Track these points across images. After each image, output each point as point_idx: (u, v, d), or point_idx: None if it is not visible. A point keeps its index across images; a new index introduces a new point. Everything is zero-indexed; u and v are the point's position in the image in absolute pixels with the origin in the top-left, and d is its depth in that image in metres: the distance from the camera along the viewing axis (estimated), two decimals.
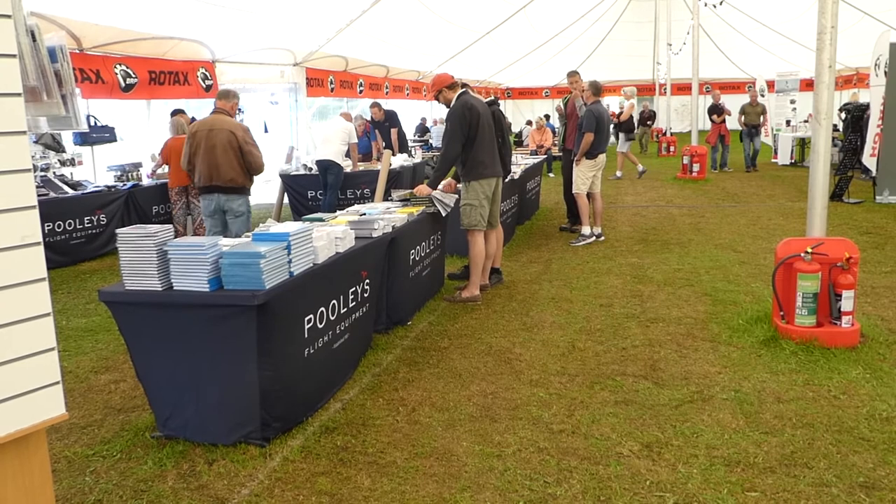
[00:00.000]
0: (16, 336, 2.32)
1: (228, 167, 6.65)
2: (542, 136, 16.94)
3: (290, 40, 13.05)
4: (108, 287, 3.71)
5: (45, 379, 2.41)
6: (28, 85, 2.41)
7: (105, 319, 6.07)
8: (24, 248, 2.33)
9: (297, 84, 14.17)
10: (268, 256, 3.54)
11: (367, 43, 15.15)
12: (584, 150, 8.64)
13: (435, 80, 6.45)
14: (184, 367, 3.64)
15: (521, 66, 27.67)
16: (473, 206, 6.26)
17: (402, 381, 4.57)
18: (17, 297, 2.31)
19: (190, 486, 3.34)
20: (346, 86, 16.35)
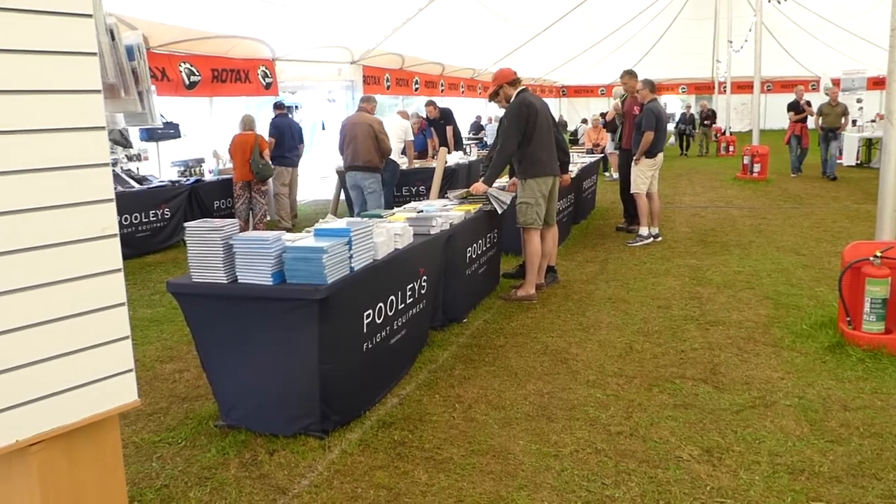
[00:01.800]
0: (93, 324, 2.40)
1: (366, 152, 8.65)
2: (598, 134, 16.76)
3: (348, 38, 13.19)
4: (175, 279, 3.82)
5: (119, 366, 2.50)
6: (107, 82, 2.50)
7: (169, 311, 6.24)
8: (102, 239, 2.41)
9: (354, 82, 14.31)
10: (329, 252, 3.59)
11: (424, 41, 15.22)
12: (643, 149, 8.52)
13: (497, 74, 6.42)
14: (246, 358, 3.72)
15: (577, 64, 27.44)
16: (530, 205, 6.24)
17: (459, 379, 4.58)
18: (95, 287, 2.40)
19: (252, 475, 3.41)
20: (401, 83, 16.45)
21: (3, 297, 2.17)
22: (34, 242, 2.23)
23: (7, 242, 2.17)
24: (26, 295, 2.22)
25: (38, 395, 2.28)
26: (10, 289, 2.18)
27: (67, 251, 2.31)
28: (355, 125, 8.75)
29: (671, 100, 33.05)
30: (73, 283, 2.33)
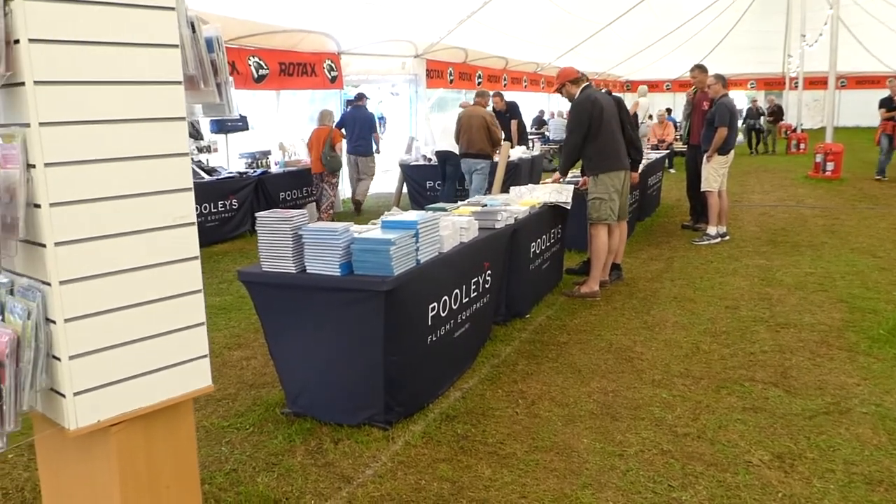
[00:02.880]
0: (172, 310, 2.46)
1: (479, 140, 9.66)
2: (664, 130, 16.45)
3: (412, 32, 13.23)
4: (246, 268, 3.89)
5: (195, 352, 2.55)
6: (187, 73, 2.54)
7: (236, 299, 6.37)
8: (181, 227, 2.47)
9: (418, 76, 14.35)
10: (397, 244, 3.60)
11: (487, 35, 15.15)
12: (716, 146, 8.30)
13: (560, 73, 6.40)
14: (314, 347, 3.77)
15: (642, 59, 26.95)
16: (603, 200, 6.16)
17: (521, 374, 4.56)
18: (173, 274, 2.46)
19: (317, 463, 3.46)
20: (464, 77, 16.42)
21: (90, 280, 2.24)
22: (120, 229, 2.30)
23: (95, 228, 2.24)
24: (111, 280, 2.29)
25: (120, 378, 2.34)
26: (95, 273, 2.25)
27: (149, 238, 2.37)
28: (470, 117, 9.70)
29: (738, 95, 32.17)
30: (153, 269, 2.39)
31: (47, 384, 2.26)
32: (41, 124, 2.12)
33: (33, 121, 2.11)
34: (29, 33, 2.07)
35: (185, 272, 2.50)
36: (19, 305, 2.21)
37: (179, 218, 2.47)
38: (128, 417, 2.39)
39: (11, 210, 2.15)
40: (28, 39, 2.07)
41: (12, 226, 2.16)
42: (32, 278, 2.26)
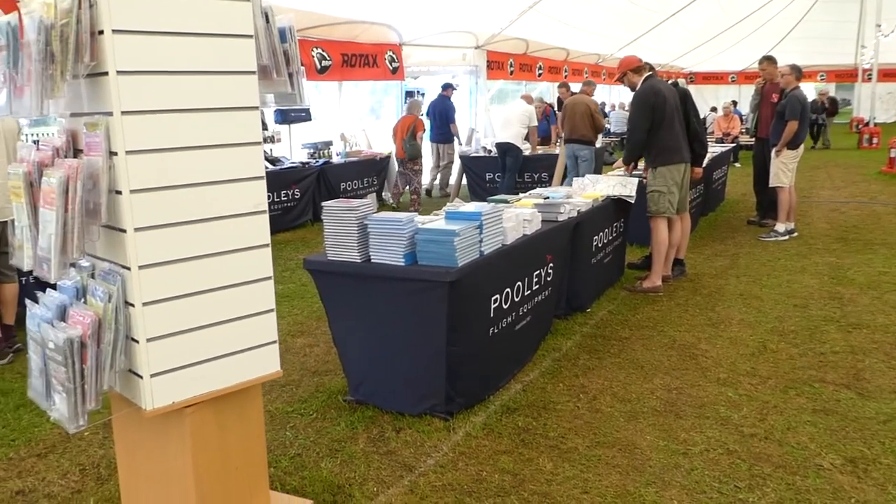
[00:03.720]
0: (243, 296, 2.51)
1: (583, 127, 9.81)
2: (729, 123, 16.05)
3: (473, 23, 13.18)
4: (311, 256, 3.94)
5: (265, 337, 2.60)
6: (260, 63, 2.58)
7: (299, 287, 6.47)
8: (254, 215, 2.51)
9: (478, 67, 14.30)
10: (461, 235, 3.60)
11: (548, 25, 15.00)
12: (786, 140, 8.05)
13: (622, 62, 6.29)
14: (377, 336, 3.81)
15: (707, 50, 26.29)
16: (662, 193, 6.05)
17: (583, 368, 4.51)
18: (246, 261, 2.50)
19: (379, 451, 3.49)
20: (525, 69, 16.30)
21: (167, 266, 2.30)
22: (196, 215, 2.35)
23: (172, 214, 2.30)
24: (187, 265, 2.35)
25: (194, 361, 2.40)
26: (172, 259, 2.31)
27: (224, 225, 2.42)
28: (575, 104, 9.97)
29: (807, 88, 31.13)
30: (227, 255, 2.44)
31: (126, 365, 2.33)
32: (123, 113, 2.18)
33: (116, 110, 2.17)
34: (113, 24, 2.13)
35: (257, 259, 2.54)
36: (100, 289, 2.29)
37: (252, 206, 2.51)
38: (201, 400, 2.45)
39: (94, 196, 2.22)
40: (112, 30, 2.13)
41: (95, 211, 2.23)
42: (113, 262, 2.33)
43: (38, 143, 2.41)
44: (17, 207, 2.37)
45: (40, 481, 3.30)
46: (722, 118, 16.50)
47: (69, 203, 2.19)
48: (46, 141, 2.39)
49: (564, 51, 18.18)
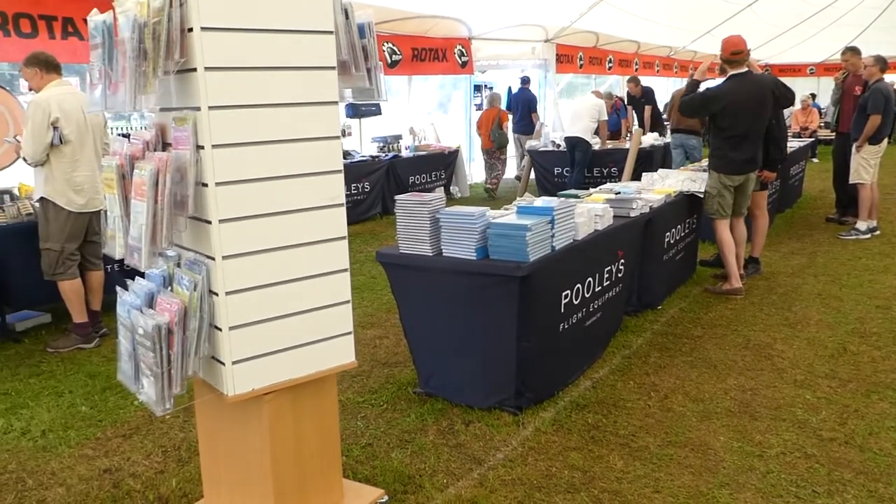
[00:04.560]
0: (321, 287, 2.57)
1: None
2: (808, 117, 15.52)
3: (543, 16, 13.06)
4: (384, 249, 3.99)
5: (341, 328, 2.65)
6: (340, 59, 2.62)
7: (368, 279, 6.56)
8: (332, 208, 2.56)
9: (547, 60, 14.18)
10: (533, 230, 3.59)
11: (619, 18, 14.73)
12: (868, 134, 7.72)
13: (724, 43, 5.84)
14: (447, 329, 3.83)
15: (784, 41, 25.38)
16: (711, 195, 5.89)
17: (654, 366, 4.45)
18: (324, 253, 2.56)
19: (449, 444, 3.52)
20: (595, 62, 16.09)
21: (250, 256, 2.37)
22: (278, 208, 2.42)
23: (255, 207, 2.36)
24: (268, 256, 2.42)
25: (274, 349, 2.47)
26: (255, 249, 2.38)
27: (304, 217, 2.48)
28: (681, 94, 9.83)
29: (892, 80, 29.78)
30: (307, 247, 2.50)
31: (209, 352, 2.42)
32: (210, 108, 2.25)
33: (203, 104, 2.24)
34: (201, 22, 2.20)
35: (335, 251, 2.59)
36: (186, 277, 2.37)
37: (330, 199, 2.56)
38: (279, 388, 2.52)
39: (182, 188, 2.30)
40: (200, 28, 2.20)
41: (182, 203, 2.31)
42: (198, 253, 2.42)
43: (130, 136, 2.51)
44: (110, 198, 2.48)
45: (125, 461, 3.45)
46: (800, 112, 15.97)
47: (159, 195, 2.27)
48: (137, 135, 2.49)
49: (635, 43, 17.86)
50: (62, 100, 4.74)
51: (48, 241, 4.86)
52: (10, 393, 4.29)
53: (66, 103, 4.75)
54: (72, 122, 4.75)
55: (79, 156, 4.83)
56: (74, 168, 4.81)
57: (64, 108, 4.71)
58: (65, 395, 4.23)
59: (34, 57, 4.86)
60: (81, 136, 4.83)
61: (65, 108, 4.72)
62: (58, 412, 4.00)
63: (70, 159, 4.79)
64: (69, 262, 4.92)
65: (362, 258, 7.45)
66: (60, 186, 4.81)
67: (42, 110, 4.65)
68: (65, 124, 4.71)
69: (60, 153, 4.75)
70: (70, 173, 4.81)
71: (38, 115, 4.64)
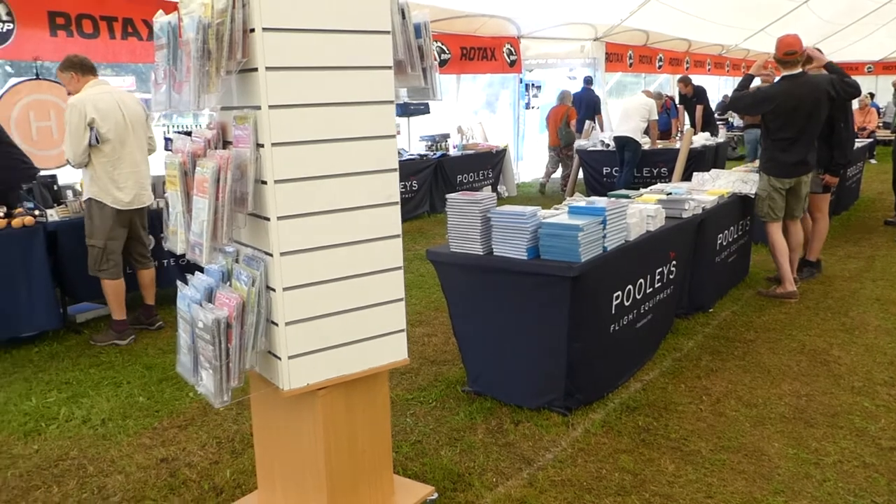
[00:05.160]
0: (375, 285, 2.59)
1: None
2: (866, 117, 15.09)
3: (592, 15, 12.96)
4: (434, 248, 4.00)
5: (394, 325, 2.68)
6: (396, 58, 2.65)
7: (416, 277, 6.59)
8: (387, 206, 2.59)
9: (596, 59, 14.07)
10: (585, 230, 3.57)
11: (670, 16, 14.52)
12: None
13: (778, 42, 5.72)
14: (497, 329, 3.83)
15: (841, 39, 24.72)
16: (761, 197, 5.77)
17: (705, 370, 4.38)
18: (379, 250, 2.58)
19: (498, 443, 3.52)
20: (644, 61, 15.91)
21: (307, 253, 2.41)
22: (334, 205, 2.45)
23: (313, 204, 2.40)
24: (324, 253, 2.45)
25: (328, 345, 2.51)
26: (311, 246, 2.42)
27: (360, 215, 2.51)
28: None
29: None
30: (362, 244, 2.53)
31: (266, 346, 2.46)
32: (270, 107, 2.29)
33: (263, 104, 2.28)
34: (263, 23, 2.24)
35: (389, 249, 2.62)
36: (244, 273, 2.42)
37: (385, 197, 2.59)
38: (332, 383, 2.55)
39: (242, 186, 2.35)
40: (262, 28, 2.25)
41: (242, 200, 2.36)
42: (256, 249, 2.46)
43: (192, 134, 2.57)
44: (172, 195, 2.54)
45: (181, 451, 3.53)
46: (858, 111, 15.52)
47: (220, 192, 2.32)
48: (199, 133, 2.54)
49: (686, 42, 17.59)
50: (98, 100, 4.79)
51: (92, 237, 4.96)
52: (71, 382, 4.43)
53: (102, 103, 4.80)
54: (109, 120, 4.80)
55: (120, 153, 4.88)
56: (116, 166, 4.88)
57: (100, 108, 4.77)
58: (123, 385, 4.35)
59: (68, 61, 4.93)
60: (121, 134, 4.87)
61: (101, 107, 4.78)
62: (116, 402, 4.11)
63: (111, 158, 4.86)
64: (112, 261, 5.00)
65: (410, 256, 7.49)
66: (104, 185, 4.88)
67: (78, 112, 4.71)
68: (101, 124, 4.76)
69: (101, 153, 4.82)
70: (112, 171, 4.87)
71: (75, 118, 4.72)
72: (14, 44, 6.16)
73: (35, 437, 3.74)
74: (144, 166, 5.11)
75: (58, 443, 3.66)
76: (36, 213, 5.20)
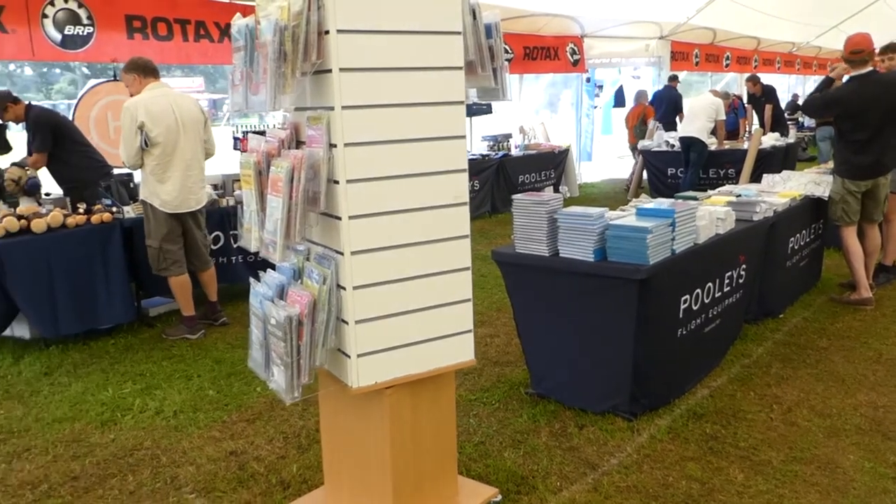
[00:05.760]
0: (444, 285, 2.60)
1: None
2: None
3: (658, 13, 12.74)
4: (499, 248, 3.99)
5: (461, 326, 2.68)
6: (467, 59, 2.65)
7: (478, 277, 6.57)
8: (456, 206, 2.59)
9: (661, 58, 13.83)
10: (654, 232, 3.51)
11: (738, 13, 14.15)
12: None
13: (845, 41, 5.55)
14: (562, 331, 3.80)
15: None
16: (835, 200, 5.56)
17: (776, 378, 4.26)
18: (447, 251, 2.59)
19: (562, 446, 3.49)
20: (711, 59, 15.55)
21: (377, 252, 2.43)
22: (405, 205, 2.47)
23: (384, 204, 2.42)
24: (394, 253, 2.47)
25: (397, 344, 2.52)
26: (382, 246, 2.44)
27: (430, 215, 2.52)
28: None
29: None
30: (432, 245, 2.54)
31: (335, 344, 2.49)
32: (343, 108, 2.32)
33: (337, 104, 2.31)
34: (337, 25, 2.27)
35: (458, 249, 2.62)
36: (316, 271, 2.45)
37: (455, 197, 2.59)
38: (399, 382, 2.57)
39: (314, 185, 2.38)
40: (336, 30, 2.27)
41: (314, 199, 2.40)
42: (327, 247, 2.50)
43: (266, 133, 2.62)
44: (247, 193, 2.60)
45: (249, 444, 3.61)
46: None
47: (294, 191, 2.36)
48: (273, 133, 2.59)
49: (755, 39, 17.12)
50: (151, 103, 4.80)
51: (149, 237, 5.03)
52: (145, 374, 4.57)
53: (155, 106, 4.80)
54: (160, 125, 4.79)
55: (170, 157, 4.88)
56: (165, 170, 4.88)
57: (151, 112, 4.77)
58: (193, 378, 4.47)
59: (132, 63, 4.98)
60: (171, 139, 4.86)
61: (153, 111, 4.77)
62: (187, 394, 4.23)
63: (160, 161, 4.86)
64: (170, 259, 5.04)
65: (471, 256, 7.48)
66: (153, 187, 4.92)
67: (130, 115, 4.75)
68: (151, 127, 4.76)
69: (150, 156, 4.84)
70: (161, 175, 4.89)
71: (127, 121, 4.76)
72: (94, 46, 6.39)
73: (111, 426, 3.87)
74: (196, 170, 5.06)
75: (132, 433, 3.78)
76: (113, 209, 5.38)
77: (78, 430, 3.84)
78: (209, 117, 5.31)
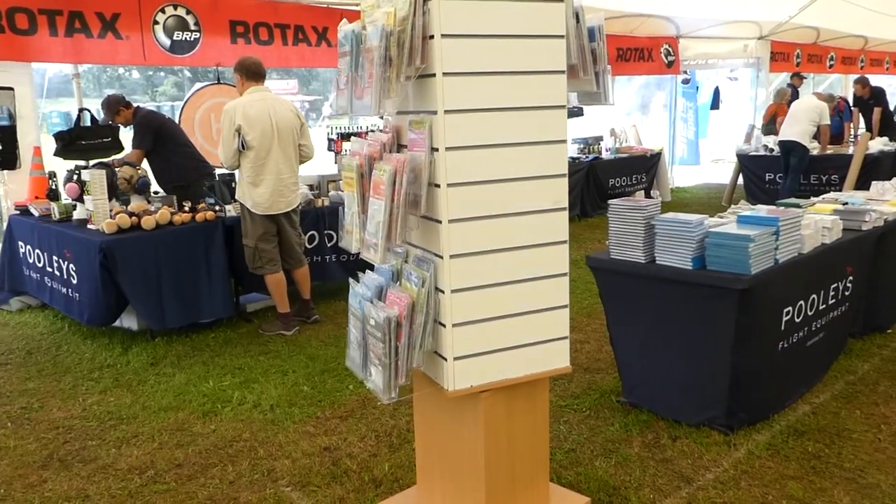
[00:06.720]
0: (542, 290, 2.58)
1: None
2: None
3: (757, 12, 12.30)
4: (595, 254, 3.94)
5: (558, 332, 2.65)
6: (569, 63, 2.62)
7: None
8: (556, 211, 2.57)
9: (760, 59, 13.36)
10: (757, 241, 3.40)
11: (844, 11, 13.51)
12: None
13: None
14: (657, 340, 3.72)
15: None
16: None
17: (883, 396, 4.05)
18: (546, 256, 2.57)
19: (655, 458, 3.42)
20: (813, 60, 14.92)
21: (476, 256, 2.44)
22: (505, 210, 2.46)
23: (484, 208, 2.43)
24: (493, 257, 2.47)
25: (493, 349, 2.52)
26: (481, 250, 2.44)
27: (529, 220, 2.51)
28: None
29: None
30: (530, 249, 2.53)
31: (432, 347, 2.51)
32: (446, 112, 2.34)
33: (440, 108, 2.33)
34: (442, 29, 2.29)
35: (556, 255, 2.60)
36: (415, 274, 2.48)
37: (554, 202, 2.57)
38: (495, 387, 2.57)
39: (415, 188, 2.41)
40: (441, 35, 2.29)
41: (415, 203, 2.42)
42: (426, 250, 2.52)
43: (367, 136, 2.67)
44: (349, 196, 2.65)
45: (342, 441, 3.68)
46: None
47: (395, 194, 2.39)
48: (375, 136, 2.64)
49: (862, 39, 16.33)
50: (249, 107, 4.94)
51: (246, 237, 5.21)
52: (243, 368, 4.73)
53: (252, 110, 4.94)
54: (255, 128, 4.93)
55: (263, 160, 5.01)
56: (258, 173, 5.03)
57: (248, 115, 4.91)
58: (289, 374, 4.60)
59: (239, 63, 5.14)
60: (266, 142, 4.99)
61: (249, 114, 4.92)
62: (283, 389, 4.35)
63: (254, 164, 5.00)
64: (264, 258, 5.20)
65: None
66: (246, 189, 5.10)
67: (228, 118, 4.92)
68: (248, 131, 4.91)
69: (246, 158, 5.00)
70: (254, 177, 5.04)
71: (226, 123, 4.95)
72: (200, 51, 6.67)
73: (212, 417, 4.02)
74: (288, 174, 5.17)
75: (232, 424, 3.92)
76: (216, 208, 5.59)
77: (182, 419, 4.01)
78: (305, 121, 5.45)
